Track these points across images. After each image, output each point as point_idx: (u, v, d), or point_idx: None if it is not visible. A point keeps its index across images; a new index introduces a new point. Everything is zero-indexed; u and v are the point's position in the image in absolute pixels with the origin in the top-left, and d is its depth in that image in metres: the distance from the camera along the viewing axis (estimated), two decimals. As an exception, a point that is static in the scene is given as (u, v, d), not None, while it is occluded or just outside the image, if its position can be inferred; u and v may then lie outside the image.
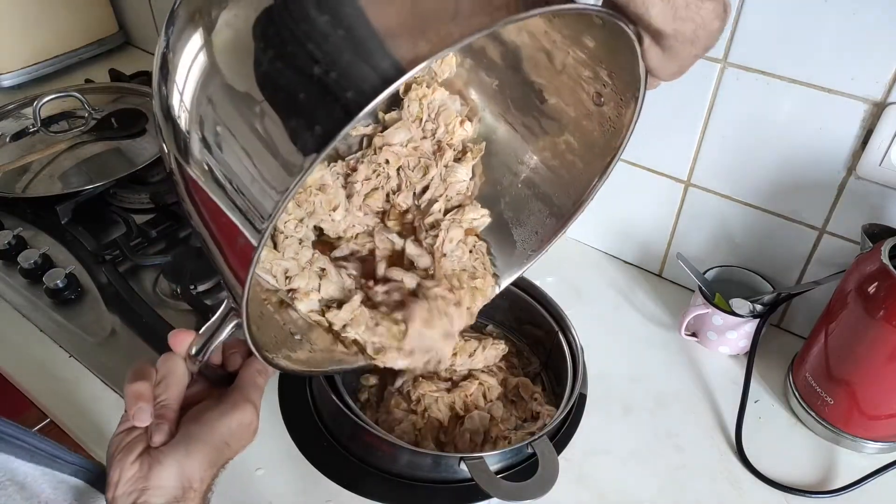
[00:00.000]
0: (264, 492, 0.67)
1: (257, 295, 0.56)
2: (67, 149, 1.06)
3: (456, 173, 0.63)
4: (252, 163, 0.38)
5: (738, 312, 0.78)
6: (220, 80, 0.40)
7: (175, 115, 0.42)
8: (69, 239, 0.94)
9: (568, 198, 0.61)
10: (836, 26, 0.64)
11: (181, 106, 0.41)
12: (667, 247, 0.90)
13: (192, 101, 0.40)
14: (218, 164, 0.40)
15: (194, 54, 0.41)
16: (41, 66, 1.29)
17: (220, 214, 0.40)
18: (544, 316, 0.76)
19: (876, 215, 0.71)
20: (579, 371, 0.70)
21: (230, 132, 0.39)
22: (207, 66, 0.40)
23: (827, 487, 0.68)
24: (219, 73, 0.40)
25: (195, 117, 0.40)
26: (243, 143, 0.39)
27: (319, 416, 0.70)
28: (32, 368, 0.78)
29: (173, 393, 0.49)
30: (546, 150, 0.61)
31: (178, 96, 0.41)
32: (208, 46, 0.41)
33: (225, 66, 0.40)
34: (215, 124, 0.40)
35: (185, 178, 0.42)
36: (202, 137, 0.40)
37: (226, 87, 0.39)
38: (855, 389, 0.68)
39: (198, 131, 0.40)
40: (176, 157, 0.42)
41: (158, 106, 0.43)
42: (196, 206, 0.42)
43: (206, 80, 0.40)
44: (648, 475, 0.70)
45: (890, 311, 0.62)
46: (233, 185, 0.39)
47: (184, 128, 0.41)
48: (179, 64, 0.41)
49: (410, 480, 0.65)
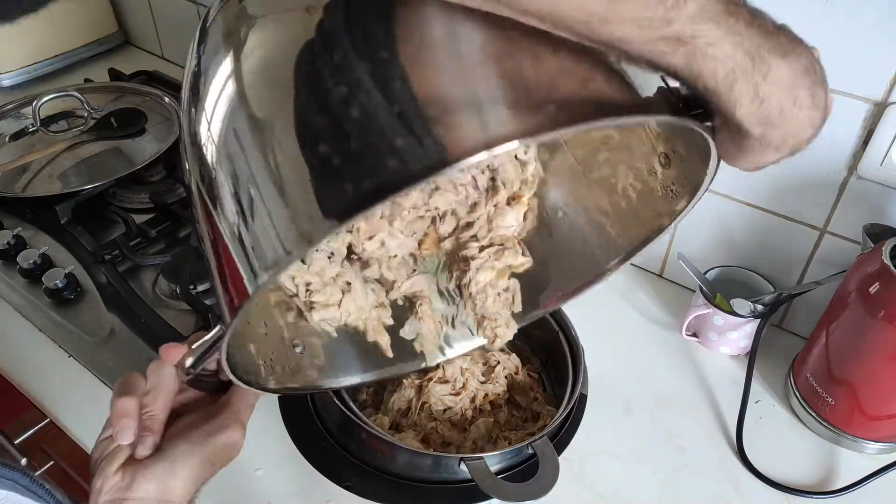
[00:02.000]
0: (264, 492, 0.67)
1: (267, 302, 0.54)
2: (67, 148, 1.06)
3: (505, 217, 0.58)
4: (269, 214, 0.36)
5: (738, 312, 0.78)
6: (249, 116, 0.38)
7: (202, 143, 0.40)
8: (68, 239, 0.93)
9: (595, 263, 0.61)
10: (836, 26, 0.64)
11: (209, 136, 0.40)
12: (667, 247, 0.89)
13: (221, 136, 0.39)
14: (236, 205, 0.38)
15: (224, 82, 0.39)
16: (40, 65, 1.29)
17: (227, 252, 0.39)
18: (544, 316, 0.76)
19: (877, 215, 0.71)
20: (580, 371, 0.70)
21: (254, 179, 0.37)
22: (237, 98, 0.38)
23: (828, 488, 0.68)
24: (249, 109, 0.38)
25: (222, 153, 0.39)
26: (264, 191, 0.37)
27: (319, 416, 0.70)
28: (32, 368, 0.78)
29: (161, 404, 0.48)
30: (588, 206, 0.58)
31: (205, 125, 0.40)
32: (238, 76, 0.39)
33: (257, 107, 0.38)
34: (240, 166, 0.38)
35: (202, 205, 0.40)
36: (226, 176, 0.38)
37: (255, 127, 0.37)
38: (856, 390, 0.68)
39: (223, 169, 0.39)
40: (198, 184, 0.41)
41: (187, 127, 0.42)
42: (207, 233, 0.41)
43: (234, 114, 0.38)
44: (649, 476, 0.70)
45: (891, 312, 0.62)
46: (245, 227, 0.37)
47: (209, 160, 0.39)
48: (210, 90, 0.40)
49: (410, 481, 0.65)
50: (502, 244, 0.59)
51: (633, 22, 0.30)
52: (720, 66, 0.32)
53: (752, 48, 0.32)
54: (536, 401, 0.72)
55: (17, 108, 1.16)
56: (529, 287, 0.62)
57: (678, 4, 0.30)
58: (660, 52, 0.32)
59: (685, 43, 0.31)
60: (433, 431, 0.67)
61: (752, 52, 0.32)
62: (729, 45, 0.31)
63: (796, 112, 0.34)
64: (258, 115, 0.38)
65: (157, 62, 1.38)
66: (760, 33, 0.32)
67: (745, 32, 0.32)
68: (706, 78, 0.32)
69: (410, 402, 0.68)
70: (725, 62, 0.32)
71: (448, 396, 0.68)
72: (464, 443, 0.67)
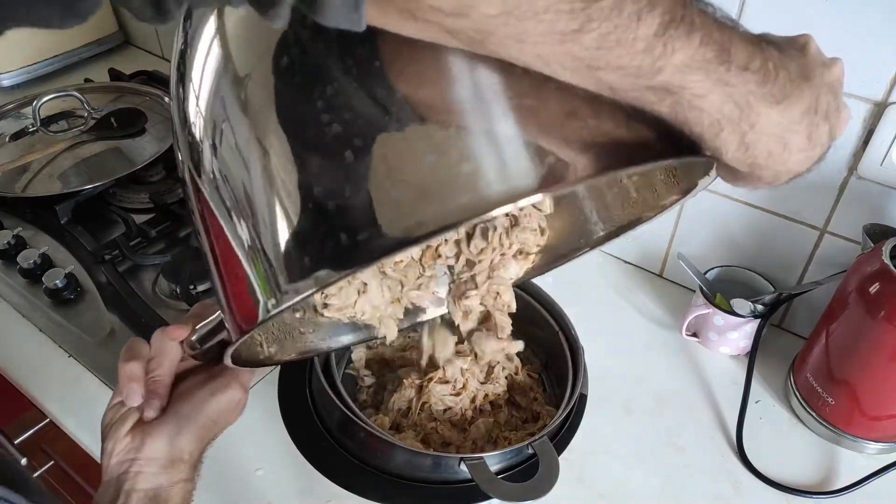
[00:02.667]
0: (264, 492, 0.67)
1: None
2: (67, 148, 1.06)
3: (507, 269, 0.59)
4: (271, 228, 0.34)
5: (738, 312, 0.78)
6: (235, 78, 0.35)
7: (191, 120, 0.38)
8: (68, 239, 0.93)
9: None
10: (837, 26, 0.64)
11: (197, 111, 0.38)
12: (668, 247, 0.89)
13: (209, 104, 0.37)
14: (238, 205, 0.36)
15: (209, 43, 0.37)
16: (40, 65, 1.29)
17: (234, 257, 0.36)
18: (544, 316, 0.76)
19: (877, 215, 0.71)
20: (579, 371, 0.70)
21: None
22: (222, 59, 0.36)
23: (828, 488, 0.68)
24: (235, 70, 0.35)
25: (218, 125, 0.37)
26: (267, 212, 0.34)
27: (319, 416, 0.70)
28: (32, 368, 0.78)
29: (166, 369, 0.51)
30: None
31: (193, 98, 0.38)
32: (223, 35, 0.36)
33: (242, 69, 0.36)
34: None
35: (200, 201, 0.38)
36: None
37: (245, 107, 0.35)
38: (856, 390, 0.68)
39: (209, 138, 0.37)
40: (191, 171, 0.39)
41: (176, 112, 0.40)
42: (201, 227, 0.39)
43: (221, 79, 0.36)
44: (649, 475, 0.70)
45: (891, 312, 0.62)
46: (258, 241, 0.35)
47: (199, 136, 0.38)
48: (196, 58, 0.37)
49: (410, 481, 0.65)
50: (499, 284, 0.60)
51: (621, 70, 0.29)
52: (705, 116, 0.31)
53: (742, 98, 0.31)
54: (536, 401, 0.72)
55: (17, 108, 1.16)
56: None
57: (666, 53, 0.29)
58: (647, 101, 0.31)
59: (672, 93, 0.30)
60: (433, 431, 0.67)
61: (742, 102, 0.31)
62: (717, 96, 0.30)
63: (787, 156, 0.34)
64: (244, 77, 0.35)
65: (157, 62, 1.38)
66: (756, 79, 0.31)
67: (735, 81, 0.30)
68: (692, 125, 0.32)
69: (411, 402, 0.68)
70: (711, 113, 0.31)
71: (448, 396, 0.68)
72: (464, 443, 0.67)
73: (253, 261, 0.36)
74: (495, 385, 0.71)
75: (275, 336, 0.55)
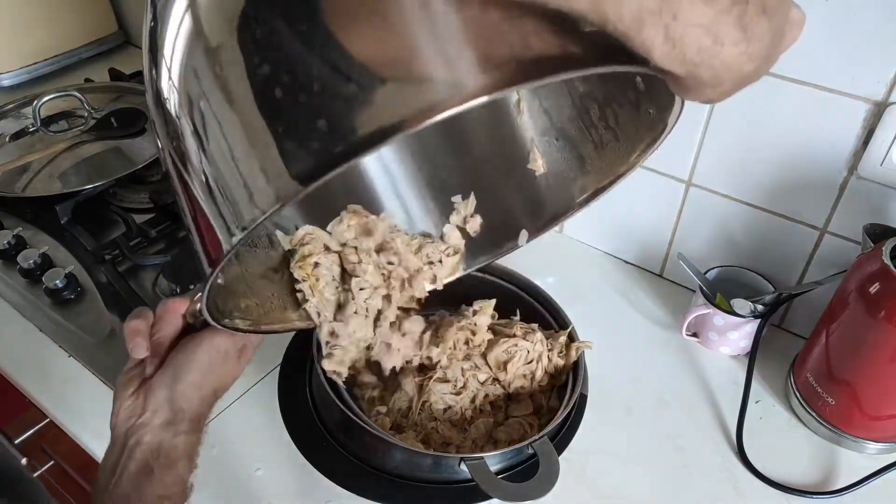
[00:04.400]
0: (264, 492, 0.67)
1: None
2: (67, 148, 1.06)
3: (412, 325, 0.65)
4: (237, 165, 0.36)
5: (739, 312, 0.78)
6: (206, 49, 0.36)
7: (164, 97, 0.39)
8: (69, 239, 0.94)
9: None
10: (837, 26, 0.64)
11: (170, 86, 0.38)
12: (668, 247, 0.89)
13: (181, 79, 0.38)
14: (202, 154, 0.38)
15: (180, 18, 0.37)
16: (41, 65, 1.29)
17: (200, 209, 0.39)
18: (544, 316, 0.76)
19: (877, 215, 0.71)
20: (580, 371, 0.70)
21: (217, 122, 0.36)
22: (193, 31, 0.37)
23: (828, 488, 0.68)
24: (206, 40, 0.36)
25: (184, 99, 0.38)
26: (231, 141, 0.36)
27: (319, 416, 0.70)
28: (32, 368, 0.78)
29: (167, 332, 0.54)
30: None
31: (166, 74, 0.38)
32: (194, 8, 0.37)
33: (213, 37, 0.36)
34: (203, 110, 0.37)
35: (173, 164, 0.40)
36: (192, 126, 0.38)
37: (213, 62, 0.36)
38: (856, 390, 0.68)
39: (187, 117, 0.38)
40: (167, 145, 0.40)
41: (150, 90, 0.40)
42: (180, 190, 0.41)
43: (192, 50, 0.37)
44: (649, 476, 0.70)
45: (891, 312, 0.62)
46: (217, 185, 0.37)
47: (173, 111, 0.39)
48: (167, 35, 0.38)
49: (410, 481, 0.65)
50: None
51: None
52: (625, 9, 0.30)
53: None
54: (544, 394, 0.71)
55: (17, 108, 1.16)
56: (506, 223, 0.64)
57: None
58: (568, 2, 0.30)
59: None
60: (433, 431, 0.67)
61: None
62: None
63: (719, 49, 0.32)
64: (214, 45, 0.36)
65: (157, 62, 1.38)
66: None
67: None
68: (614, 22, 0.31)
69: (411, 402, 0.68)
70: (630, 4, 0.30)
71: (449, 395, 0.68)
72: (464, 443, 0.67)
73: (215, 199, 0.38)
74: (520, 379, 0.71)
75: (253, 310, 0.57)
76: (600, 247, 0.96)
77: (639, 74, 0.44)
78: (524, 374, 0.71)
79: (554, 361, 0.71)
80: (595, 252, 0.96)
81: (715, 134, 0.77)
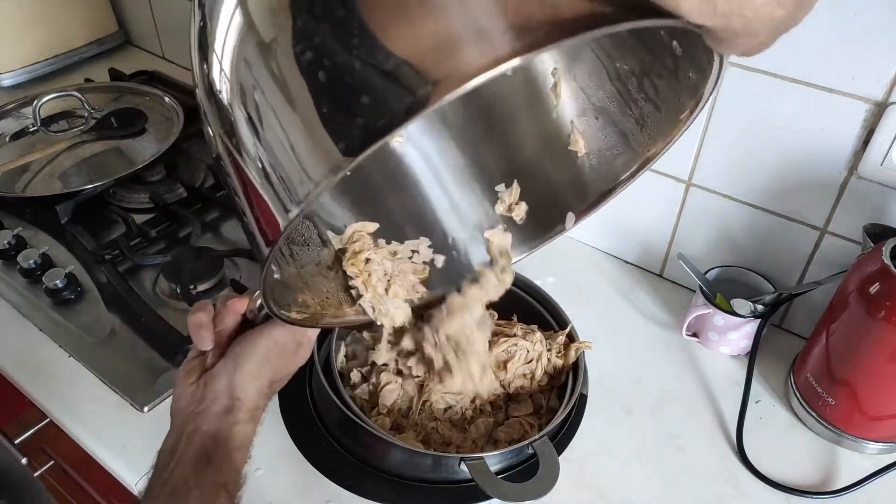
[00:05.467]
0: (264, 492, 0.67)
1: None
2: (67, 148, 1.06)
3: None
4: (291, 145, 0.38)
5: (739, 313, 0.78)
6: (258, 42, 0.39)
7: (217, 89, 0.41)
8: (69, 238, 0.94)
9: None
10: (837, 26, 0.64)
11: (222, 77, 0.40)
12: (668, 247, 0.90)
13: (233, 71, 0.40)
14: (259, 140, 0.39)
15: (230, 16, 0.40)
16: (41, 65, 1.29)
17: (257, 194, 0.41)
18: (544, 316, 0.76)
19: (877, 215, 0.71)
20: (580, 371, 0.70)
21: (271, 108, 0.38)
22: (244, 26, 0.39)
23: (828, 488, 0.68)
24: (257, 35, 0.39)
25: (237, 88, 0.40)
26: (284, 125, 0.38)
27: (319, 416, 0.70)
28: (32, 368, 0.78)
29: (228, 324, 0.56)
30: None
31: (217, 67, 0.41)
32: (244, 5, 0.39)
33: (265, 31, 0.39)
34: (257, 99, 0.39)
35: (228, 153, 0.42)
36: (246, 114, 0.40)
37: (264, 53, 0.38)
38: (856, 390, 0.68)
39: (241, 106, 0.40)
40: (220, 135, 0.42)
41: (201, 84, 0.42)
42: (237, 182, 0.42)
43: (244, 43, 0.39)
44: (649, 476, 0.70)
45: (891, 312, 0.62)
46: (272, 168, 0.39)
47: (226, 101, 0.40)
48: (218, 31, 0.40)
49: (410, 481, 0.65)
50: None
51: None
52: None
53: None
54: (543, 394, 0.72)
55: (17, 107, 1.16)
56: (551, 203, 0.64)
57: None
58: None
59: None
60: (433, 431, 0.67)
61: None
62: None
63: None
64: (266, 39, 0.39)
65: (157, 62, 1.38)
66: None
67: None
68: None
69: (412, 402, 0.68)
70: None
71: (449, 395, 0.68)
72: (464, 443, 0.67)
73: (271, 181, 0.39)
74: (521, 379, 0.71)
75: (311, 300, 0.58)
76: (600, 247, 0.96)
77: (675, 39, 0.44)
78: (524, 374, 0.71)
79: (553, 361, 0.71)
80: (595, 252, 0.96)
81: (715, 134, 0.77)
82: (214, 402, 0.53)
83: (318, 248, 0.60)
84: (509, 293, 0.78)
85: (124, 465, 0.69)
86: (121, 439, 0.71)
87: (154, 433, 0.54)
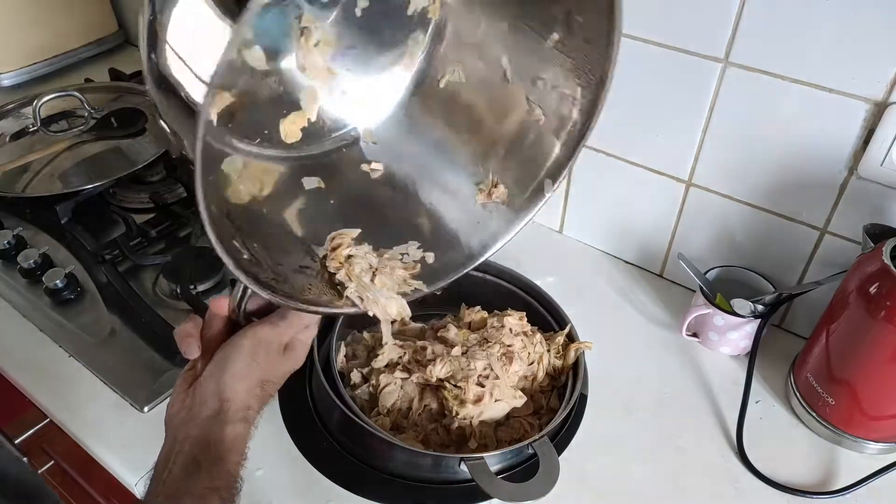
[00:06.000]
0: (264, 492, 0.67)
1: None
2: (67, 148, 1.06)
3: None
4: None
5: (739, 313, 0.78)
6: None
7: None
8: (69, 238, 0.94)
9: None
10: (837, 26, 0.64)
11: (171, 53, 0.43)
12: (668, 247, 0.90)
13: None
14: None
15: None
16: (41, 65, 1.29)
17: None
18: (544, 316, 0.76)
19: (877, 215, 0.71)
20: (580, 371, 0.70)
21: None
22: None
23: (828, 488, 0.68)
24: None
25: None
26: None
27: (319, 416, 0.70)
28: (32, 368, 0.78)
29: (214, 329, 0.58)
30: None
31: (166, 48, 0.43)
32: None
33: None
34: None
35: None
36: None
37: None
38: (856, 390, 0.68)
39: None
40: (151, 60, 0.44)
41: (151, 80, 0.45)
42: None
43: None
44: (649, 476, 0.70)
45: (891, 312, 0.62)
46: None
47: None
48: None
49: (411, 481, 0.65)
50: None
51: None
52: None
53: None
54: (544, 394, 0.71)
55: (17, 107, 1.16)
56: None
57: None
58: None
59: None
60: (433, 432, 0.67)
61: None
62: None
63: None
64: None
65: (157, 62, 1.38)
66: None
67: None
68: None
69: (412, 403, 0.68)
70: None
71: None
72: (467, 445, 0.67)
73: None
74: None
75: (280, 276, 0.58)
76: (600, 247, 0.96)
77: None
78: (524, 375, 0.71)
79: (553, 362, 0.71)
80: (595, 252, 0.96)
81: (715, 134, 0.77)
82: (203, 406, 0.53)
83: (299, 254, 0.60)
84: (510, 293, 0.78)
85: (124, 465, 0.69)
86: (121, 439, 0.71)
87: (154, 433, 0.55)
